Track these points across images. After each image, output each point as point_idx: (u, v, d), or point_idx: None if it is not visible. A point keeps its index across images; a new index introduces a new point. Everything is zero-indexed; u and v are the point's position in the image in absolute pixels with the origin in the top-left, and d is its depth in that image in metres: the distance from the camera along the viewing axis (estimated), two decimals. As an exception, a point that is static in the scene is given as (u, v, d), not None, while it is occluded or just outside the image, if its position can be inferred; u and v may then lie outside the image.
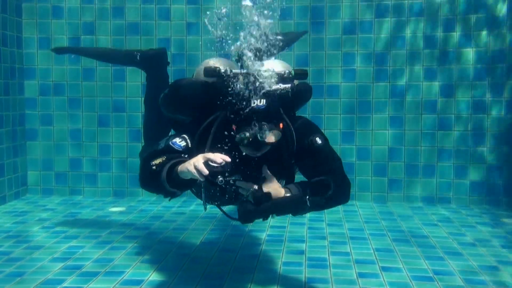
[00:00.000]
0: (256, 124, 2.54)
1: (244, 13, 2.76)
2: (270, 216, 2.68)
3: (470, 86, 5.21)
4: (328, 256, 3.57)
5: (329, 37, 5.34)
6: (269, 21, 2.73)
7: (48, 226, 4.29)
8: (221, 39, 2.84)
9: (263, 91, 2.62)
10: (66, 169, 5.55)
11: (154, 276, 3.14)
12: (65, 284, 3.02)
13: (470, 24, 5.19)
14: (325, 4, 5.31)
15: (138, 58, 3.93)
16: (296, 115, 3.06)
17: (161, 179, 2.54)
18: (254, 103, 2.58)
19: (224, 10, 2.87)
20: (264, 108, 2.58)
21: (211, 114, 2.78)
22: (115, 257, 3.49)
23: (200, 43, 5.41)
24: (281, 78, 2.83)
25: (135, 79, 5.36)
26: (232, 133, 2.62)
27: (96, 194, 5.53)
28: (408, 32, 5.27)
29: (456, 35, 5.21)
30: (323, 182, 2.73)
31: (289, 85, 2.83)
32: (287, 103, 2.82)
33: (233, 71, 2.81)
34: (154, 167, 2.61)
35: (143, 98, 4.03)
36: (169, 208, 4.91)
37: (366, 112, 5.34)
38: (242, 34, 2.74)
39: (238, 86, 2.81)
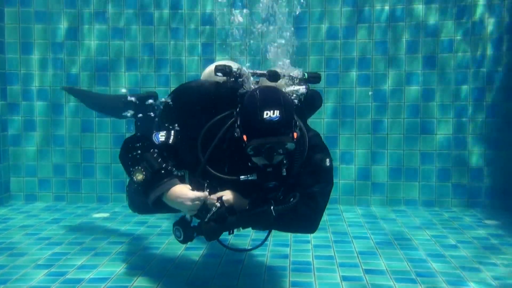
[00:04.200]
0: (269, 138, 2.41)
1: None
2: (236, 229, 2.63)
3: (453, 90, 5.28)
4: (312, 259, 3.59)
5: (312, 42, 5.38)
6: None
7: (31, 233, 4.26)
8: None
9: (276, 98, 2.47)
10: (50, 175, 5.51)
11: (138, 282, 3.13)
12: (48, 291, 3.01)
13: (453, 29, 5.26)
14: (308, 10, 5.35)
15: (134, 99, 3.82)
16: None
17: (149, 201, 2.64)
18: (267, 114, 2.40)
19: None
20: (278, 120, 2.41)
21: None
22: (99, 264, 3.47)
23: (184, 48, 5.42)
24: (295, 80, 2.79)
25: (118, 85, 5.35)
26: (239, 137, 2.51)
27: (80, 200, 5.50)
28: (390, 37, 5.32)
29: (439, 40, 5.28)
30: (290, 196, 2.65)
31: (304, 86, 2.78)
32: (300, 108, 2.74)
33: (244, 69, 2.74)
34: (139, 187, 2.66)
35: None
36: (154, 214, 4.89)
37: (349, 117, 5.38)
38: None
39: (249, 86, 2.72)
